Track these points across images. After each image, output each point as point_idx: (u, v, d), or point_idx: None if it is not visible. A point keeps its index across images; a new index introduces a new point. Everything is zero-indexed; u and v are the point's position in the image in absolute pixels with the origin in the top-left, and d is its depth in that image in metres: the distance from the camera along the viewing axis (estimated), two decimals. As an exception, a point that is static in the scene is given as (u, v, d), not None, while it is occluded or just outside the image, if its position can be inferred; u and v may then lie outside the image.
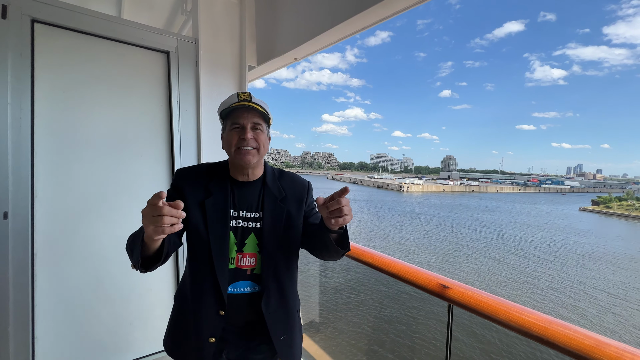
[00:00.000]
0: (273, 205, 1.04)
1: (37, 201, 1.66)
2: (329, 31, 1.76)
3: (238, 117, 0.99)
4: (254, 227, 1.01)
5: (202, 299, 0.98)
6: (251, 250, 1.01)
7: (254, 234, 1.01)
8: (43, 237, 1.68)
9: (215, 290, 0.97)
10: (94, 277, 1.82)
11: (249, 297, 1.00)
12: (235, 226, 1.00)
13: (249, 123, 0.99)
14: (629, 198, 61.72)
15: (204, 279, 0.98)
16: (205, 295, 0.98)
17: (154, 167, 2.01)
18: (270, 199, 1.04)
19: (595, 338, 0.80)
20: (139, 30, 1.90)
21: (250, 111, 0.99)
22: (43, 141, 1.67)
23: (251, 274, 1.01)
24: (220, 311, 0.97)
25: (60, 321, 1.74)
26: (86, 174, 1.79)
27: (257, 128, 1.01)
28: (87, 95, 1.79)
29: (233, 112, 1.00)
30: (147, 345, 2.00)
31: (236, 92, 1.02)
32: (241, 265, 1.00)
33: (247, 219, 1.01)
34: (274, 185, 1.07)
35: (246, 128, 0.98)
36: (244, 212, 1.01)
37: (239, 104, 0.98)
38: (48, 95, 1.68)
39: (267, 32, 2.35)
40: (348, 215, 0.84)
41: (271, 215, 1.02)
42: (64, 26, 1.71)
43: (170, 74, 2.02)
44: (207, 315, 0.98)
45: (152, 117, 1.98)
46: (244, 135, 0.97)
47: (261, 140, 1.01)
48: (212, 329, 0.98)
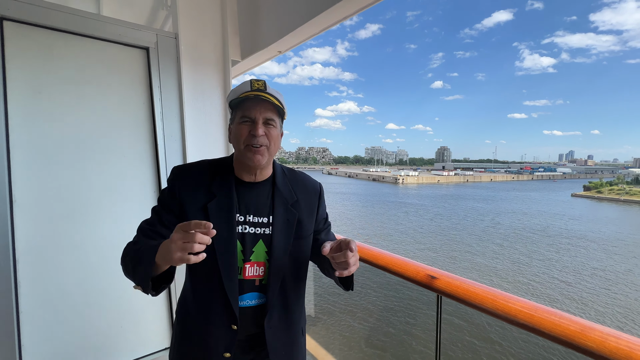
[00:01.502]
0: (284, 209, 0.93)
1: (17, 206, 1.61)
2: (311, 21, 1.72)
3: (249, 109, 0.87)
4: (262, 234, 0.91)
5: (211, 314, 0.89)
6: (259, 259, 0.90)
7: (262, 240, 0.90)
8: (25, 243, 1.63)
9: (225, 304, 0.87)
10: (81, 282, 1.79)
11: (255, 310, 0.92)
12: (241, 232, 0.89)
13: (260, 117, 0.87)
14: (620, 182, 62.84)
15: (211, 292, 0.88)
16: (214, 310, 0.88)
17: (139, 166, 1.97)
18: (281, 202, 0.94)
19: (580, 323, 0.79)
20: (116, 26, 1.84)
21: (263, 103, 0.87)
22: (19, 144, 1.61)
23: (259, 284, 0.91)
24: (233, 325, 0.88)
25: (48, 328, 1.70)
26: (67, 177, 1.74)
27: (270, 123, 0.89)
28: (64, 95, 1.73)
29: (244, 103, 0.87)
30: (139, 347, 1.98)
31: (249, 79, 0.89)
32: (248, 275, 0.90)
33: (254, 224, 0.90)
34: (284, 187, 0.96)
35: (257, 122, 0.86)
36: (250, 217, 0.90)
37: (251, 93, 0.85)
38: (22, 97, 1.62)
39: (249, 25, 2.29)
40: (354, 266, 0.80)
41: (282, 221, 0.92)
42: (36, 24, 1.64)
43: (150, 70, 1.96)
44: (219, 330, 0.89)
45: (133, 115, 1.93)
46: (255, 131, 0.86)
47: (273, 137, 0.89)
48: (226, 343, 0.89)
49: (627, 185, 59.80)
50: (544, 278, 16.78)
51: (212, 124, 2.24)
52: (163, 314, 2.08)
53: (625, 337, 0.73)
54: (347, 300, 2.16)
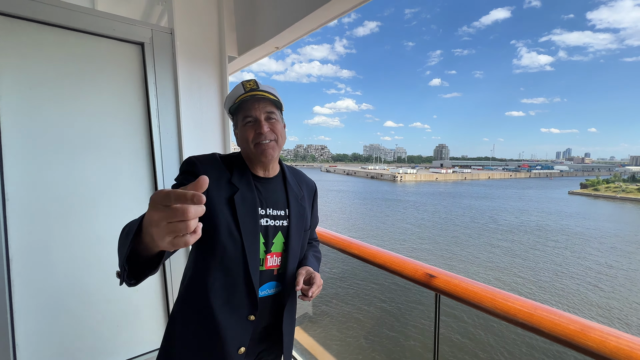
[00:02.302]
0: (296, 203, 0.99)
1: (9, 204, 1.59)
2: (308, 16, 1.69)
3: (249, 110, 0.90)
4: (281, 226, 0.95)
5: (233, 306, 0.88)
6: (277, 250, 0.95)
7: (281, 232, 0.95)
8: (18, 241, 1.61)
9: (249, 294, 0.88)
10: (76, 280, 1.77)
11: (273, 299, 0.96)
12: (265, 225, 0.92)
13: (262, 114, 0.91)
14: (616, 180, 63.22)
15: (234, 285, 0.88)
16: (236, 301, 0.88)
17: (134, 164, 1.94)
18: (294, 196, 0.99)
19: (580, 322, 0.78)
20: (109, 21, 1.80)
21: (260, 101, 0.91)
22: (12, 141, 1.58)
23: (277, 274, 0.96)
24: (251, 316, 0.89)
25: (42, 327, 1.68)
26: (61, 174, 1.71)
27: (272, 117, 0.93)
28: (57, 91, 1.70)
29: (242, 105, 0.91)
30: (135, 347, 1.97)
31: (240, 82, 0.93)
32: (269, 266, 0.94)
33: (274, 217, 0.94)
34: (293, 183, 1.02)
35: (260, 120, 0.90)
36: (270, 210, 0.94)
37: (247, 95, 0.89)
38: (14, 93, 1.58)
39: (246, 20, 2.26)
40: (315, 296, 0.91)
41: (296, 214, 0.98)
42: (27, 18, 1.61)
43: (145, 66, 1.93)
44: (237, 322, 0.88)
45: (128, 112, 1.90)
46: (260, 129, 0.89)
47: (278, 130, 0.93)
48: (241, 337, 0.89)
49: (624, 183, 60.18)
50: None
51: (209, 121, 2.21)
52: (159, 312, 2.07)
53: (626, 337, 0.72)
54: (344, 299, 2.15)
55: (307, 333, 2.50)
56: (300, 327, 2.54)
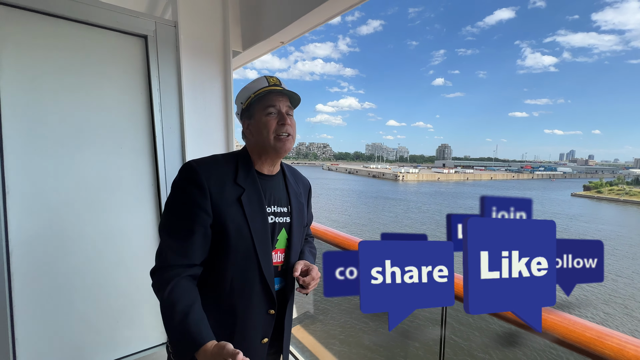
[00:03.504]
0: (296, 200, 1.02)
1: (10, 198, 1.57)
2: (313, 11, 1.66)
3: (274, 101, 0.92)
4: (284, 222, 0.98)
5: (252, 302, 0.91)
6: (281, 246, 0.98)
7: (284, 229, 0.98)
8: (18, 235, 1.59)
9: (264, 290, 0.92)
10: (75, 275, 1.75)
11: (278, 294, 0.98)
12: (271, 222, 0.94)
13: (284, 107, 0.94)
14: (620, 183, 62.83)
15: (250, 282, 0.91)
16: (254, 298, 0.91)
17: (136, 159, 1.92)
18: (294, 193, 1.02)
19: (596, 330, 0.75)
20: (112, 13, 1.77)
21: (285, 95, 0.94)
22: (12, 134, 1.56)
23: (281, 270, 0.99)
24: (271, 310, 0.94)
25: (42, 322, 1.67)
26: (62, 168, 1.69)
27: (290, 114, 0.96)
28: (59, 83, 1.67)
29: (267, 97, 0.92)
30: (135, 342, 1.95)
31: (263, 76, 0.96)
32: (275, 262, 0.96)
33: (278, 214, 0.97)
34: (292, 180, 1.05)
35: (284, 114, 0.93)
36: (275, 207, 0.96)
37: (274, 88, 0.91)
38: (15, 85, 1.56)
39: (251, 15, 2.23)
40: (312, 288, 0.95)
41: (297, 210, 1.01)
42: (28, 8, 1.58)
43: (149, 59, 1.90)
44: (259, 317, 0.93)
45: (130, 106, 1.87)
46: (284, 121, 0.92)
47: (294, 127, 0.97)
48: (264, 329, 0.95)
49: (627, 185, 59.82)
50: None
51: (212, 116, 2.18)
52: (159, 309, 2.05)
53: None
54: (347, 299, 2.13)
55: (307, 331, 2.49)
56: (301, 325, 2.53)
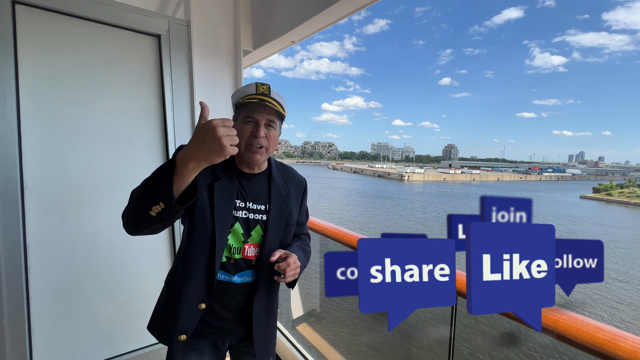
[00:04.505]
0: (279, 199, 1.05)
1: (27, 192, 1.61)
2: (326, 10, 1.67)
3: (254, 112, 0.96)
4: (260, 219, 1.02)
5: (194, 282, 0.98)
6: (255, 241, 1.02)
7: (259, 225, 1.02)
8: (35, 229, 1.63)
9: (208, 275, 0.98)
10: (89, 269, 1.79)
11: (249, 287, 1.03)
12: (243, 217, 1.00)
13: (263, 119, 0.96)
14: (631, 185, 61.61)
15: (199, 262, 0.98)
16: (197, 279, 0.98)
17: (148, 156, 1.95)
18: (276, 193, 1.05)
19: (610, 331, 0.75)
20: (127, 12, 1.80)
21: (266, 108, 0.96)
22: (30, 130, 1.60)
23: (255, 264, 1.03)
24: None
25: (56, 314, 1.71)
26: (77, 164, 1.73)
27: (271, 125, 0.99)
28: (75, 81, 1.71)
29: (249, 105, 0.96)
30: (145, 337, 1.99)
31: (255, 82, 0.99)
32: (247, 255, 1.01)
33: (254, 210, 1.02)
34: (279, 179, 1.08)
35: (260, 125, 0.96)
36: (250, 204, 1.01)
37: (257, 97, 0.95)
38: (33, 82, 1.60)
39: (262, 14, 2.24)
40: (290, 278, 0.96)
41: (277, 210, 1.04)
42: (47, 8, 1.62)
43: (161, 59, 1.93)
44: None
45: (143, 104, 1.91)
46: (257, 133, 0.95)
47: (272, 138, 1.00)
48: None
49: (639, 188, 58.64)
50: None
51: (222, 114, 2.21)
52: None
53: (660, 348, 0.69)
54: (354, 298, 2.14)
55: (313, 329, 2.50)
56: (308, 323, 2.54)
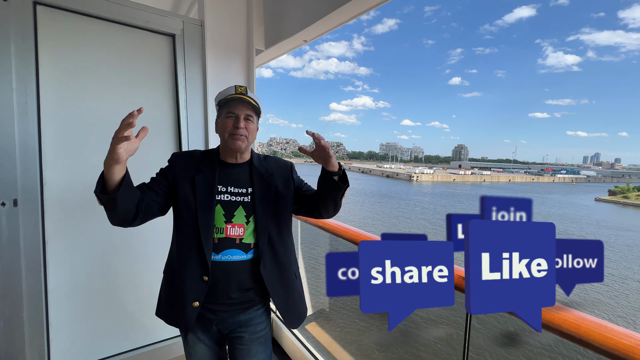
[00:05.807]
0: (261, 181, 1.19)
1: (47, 189, 1.65)
2: (338, 9, 1.66)
3: (234, 107, 1.13)
4: (241, 201, 1.15)
5: (188, 267, 1.09)
6: (239, 221, 1.13)
7: (242, 206, 1.15)
8: (53, 224, 1.68)
9: (200, 257, 1.08)
10: (105, 265, 1.83)
11: (240, 265, 1.12)
12: (223, 200, 1.13)
13: (242, 114, 1.13)
14: (649, 188, 59.62)
15: (190, 248, 1.09)
16: (191, 262, 1.09)
17: (162, 154, 1.96)
18: (258, 176, 1.19)
19: (635, 337, 0.73)
20: (143, 12, 1.83)
21: (244, 103, 1.13)
22: (50, 127, 1.65)
23: (240, 242, 1.13)
24: (204, 277, 1.08)
25: (73, 308, 1.76)
26: (95, 161, 1.75)
27: (249, 119, 1.15)
28: (93, 80, 1.75)
29: (230, 102, 1.13)
30: (157, 332, 2.02)
31: (234, 85, 1.16)
32: (230, 234, 1.12)
33: (234, 193, 1.15)
34: (260, 166, 1.22)
35: (240, 118, 1.12)
36: (231, 188, 1.15)
37: (236, 95, 1.12)
38: (53, 81, 1.64)
39: (275, 13, 2.25)
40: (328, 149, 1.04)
41: (260, 189, 1.17)
42: (66, 8, 1.66)
43: (176, 58, 1.96)
44: (192, 282, 1.09)
45: (158, 102, 1.94)
46: (238, 124, 1.12)
47: (251, 130, 1.16)
48: (196, 293, 1.09)
49: (657, 191, 56.70)
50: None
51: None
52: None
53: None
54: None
55: (323, 329, 2.50)
56: (317, 322, 2.54)
